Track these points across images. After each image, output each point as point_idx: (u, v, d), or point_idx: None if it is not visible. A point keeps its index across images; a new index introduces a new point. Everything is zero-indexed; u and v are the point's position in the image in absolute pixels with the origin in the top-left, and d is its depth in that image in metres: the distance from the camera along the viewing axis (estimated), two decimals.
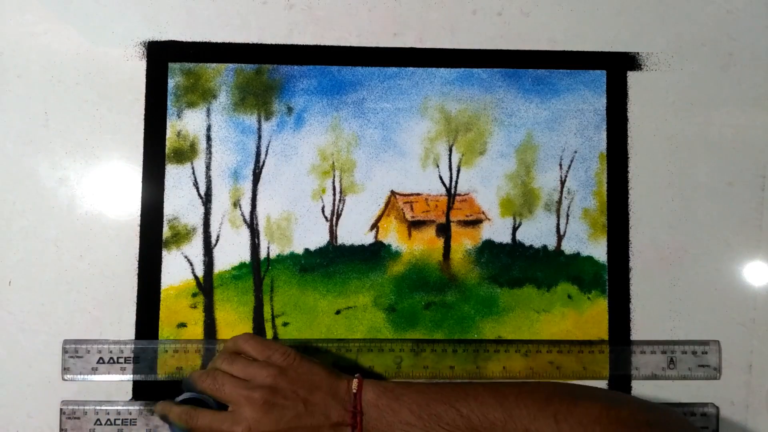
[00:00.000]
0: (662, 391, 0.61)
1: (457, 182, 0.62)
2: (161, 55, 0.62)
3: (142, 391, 0.60)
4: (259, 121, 0.62)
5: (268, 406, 0.51)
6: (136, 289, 0.60)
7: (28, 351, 0.59)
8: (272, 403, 0.51)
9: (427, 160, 0.62)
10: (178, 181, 0.61)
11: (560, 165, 0.63)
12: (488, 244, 0.62)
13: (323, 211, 0.62)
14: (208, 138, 0.62)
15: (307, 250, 0.61)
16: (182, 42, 0.62)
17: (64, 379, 0.59)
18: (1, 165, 0.60)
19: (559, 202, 0.63)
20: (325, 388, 0.52)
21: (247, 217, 0.61)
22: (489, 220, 0.62)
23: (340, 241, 0.62)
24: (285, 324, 0.61)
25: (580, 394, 0.51)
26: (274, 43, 0.62)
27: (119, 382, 0.59)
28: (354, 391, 0.52)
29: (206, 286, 0.61)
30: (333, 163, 0.62)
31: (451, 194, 0.62)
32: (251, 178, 0.62)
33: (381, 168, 0.62)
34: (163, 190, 0.61)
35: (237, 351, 0.55)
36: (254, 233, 0.61)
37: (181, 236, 0.61)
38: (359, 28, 0.63)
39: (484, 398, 0.51)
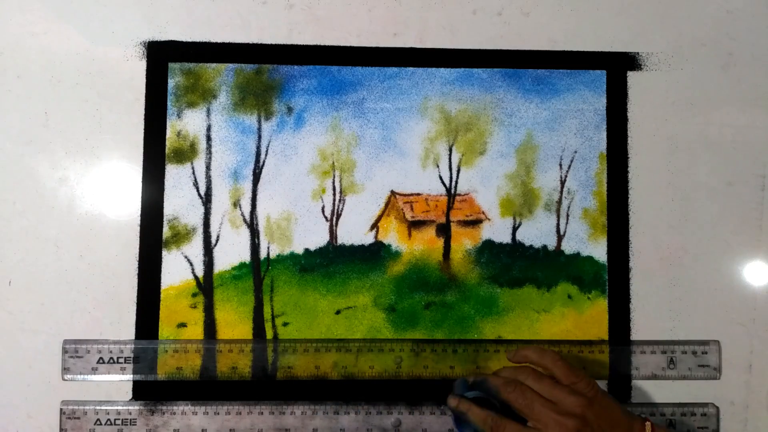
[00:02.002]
0: (662, 391, 0.61)
1: (457, 182, 0.62)
2: (161, 55, 0.62)
3: (142, 391, 0.60)
4: (259, 121, 0.62)
5: None
6: (136, 289, 0.60)
7: (28, 351, 0.59)
8: None
9: (427, 160, 0.62)
10: (178, 181, 0.61)
11: (560, 165, 0.63)
12: (488, 244, 0.62)
13: (323, 211, 0.62)
14: (208, 138, 0.62)
15: (307, 250, 0.61)
16: (182, 42, 0.62)
17: (64, 379, 0.59)
18: (1, 165, 0.60)
19: (559, 202, 0.63)
20: (623, 426, 0.53)
21: (247, 217, 0.61)
22: (489, 220, 0.62)
23: (340, 241, 0.62)
24: (285, 324, 0.61)
25: None
26: (274, 43, 0.62)
27: (119, 382, 0.60)
28: None
29: (206, 286, 0.61)
30: (333, 163, 0.62)
31: (451, 194, 0.62)
32: (251, 178, 0.62)
33: (381, 168, 0.62)
34: (163, 190, 0.61)
35: (539, 365, 0.56)
36: (254, 233, 0.61)
37: (181, 236, 0.61)
38: (359, 28, 0.63)
39: None
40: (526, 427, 0.53)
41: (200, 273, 0.61)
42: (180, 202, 0.61)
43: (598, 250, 0.62)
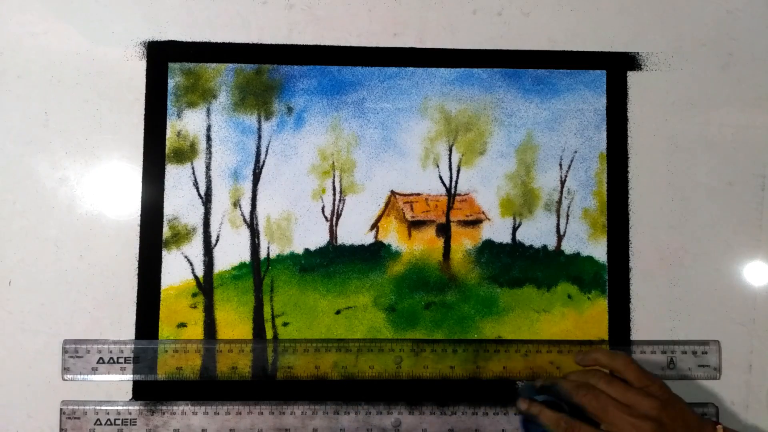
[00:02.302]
0: None
1: (457, 182, 0.62)
2: (161, 55, 0.62)
3: (142, 391, 0.60)
4: (259, 121, 0.62)
5: None
6: (136, 289, 0.60)
7: (28, 351, 0.59)
8: None
9: (427, 160, 0.62)
10: (178, 181, 0.61)
11: (560, 165, 0.63)
12: (488, 244, 0.62)
13: (323, 211, 0.62)
14: (208, 138, 0.62)
15: (307, 250, 0.61)
16: (182, 42, 0.62)
17: (64, 379, 0.59)
18: (1, 165, 0.60)
19: (559, 202, 0.63)
20: (696, 429, 0.52)
21: (247, 217, 0.61)
22: (489, 220, 0.62)
23: (340, 241, 0.62)
24: (285, 324, 0.61)
25: None
26: (274, 43, 0.62)
27: (119, 382, 0.59)
28: None
29: (206, 286, 0.61)
30: (333, 163, 0.62)
31: (451, 194, 0.62)
32: (251, 178, 0.62)
33: (381, 168, 0.62)
34: (163, 190, 0.61)
35: (610, 368, 0.55)
36: (254, 233, 0.61)
37: (181, 236, 0.61)
38: (359, 28, 0.63)
39: None
40: (600, 430, 0.52)
41: (200, 273, 0.61)
42: (180, 202, 0.61)
43: (598, 250, 0.62)
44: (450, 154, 0.63)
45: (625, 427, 0.51)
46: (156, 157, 0.61)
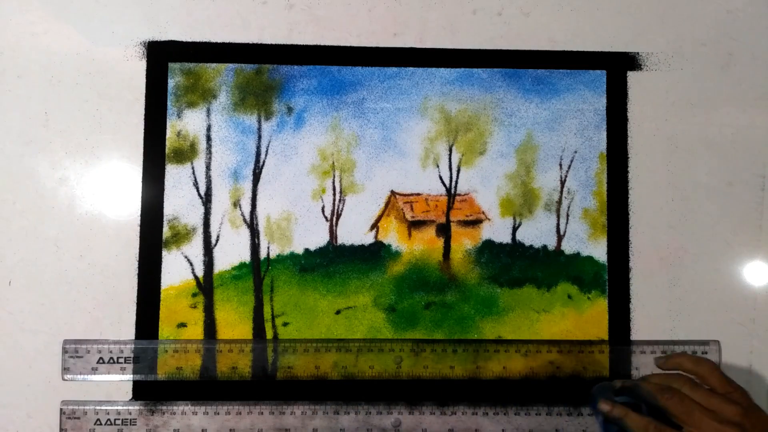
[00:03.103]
0: None
1: (457, 182, 0.62)
2: (161, 55, 0.62)
3: (142, 391, 0.60)
4: (259, 121, 0.62)
5: None
6: (136, 289, 0.60)
7: (28, 351, 0.59)
8: None
9: (427, 160, 0.62)
10: (178, 181, 0.61)
11: (560, 165, 0.63)
12: (488, 244, 0.62)
13: (323, 211, 0.62)
14: (208, 138, 0.62)
15: (307, 250, 0.61)
16: (182, 42, 0.62)
17: (64, 379, 0.59)
18: (1, 165, 0.60)
19: (559, 202, 0.63)
20: None
21: (247, 217, 0.61)
22: (489, 220, 0.62)
23: (340, 241, 0.62)
24: (285, 324, 0.61)
25: None
26: (274, 43, 0.62)
27: (119, 382, 0.60)
28: None
29: (206, 286, 0.61)
30: (333, 163, 0.62)
31: (451, 194, 0.62)
32: (251, 178, 0.62)
33: (381, 168, 0.62)
34: (163, 190, 0.61)
35: (693, 373, 0.55)
36: (254, 233, 0.61)
37: (181, 236, 0.61)
38: (359, 28, 0.63)
39: None
40: None
41: (200, 273, 0.61)
42: (180, 202, 0.61)
43: (598, 250, 0.62)
44: (450, 154, 0.63)
45: None
46: (156, 157, 0.61)
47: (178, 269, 0.61)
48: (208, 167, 0.62)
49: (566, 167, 0.63)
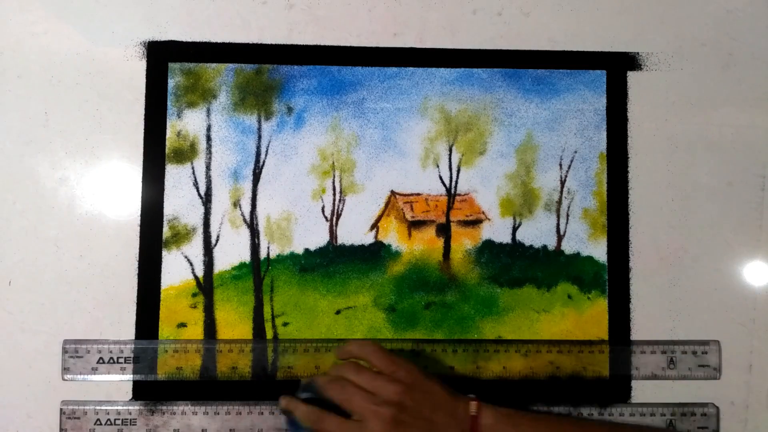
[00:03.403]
0: (662, 391, 0.61)
1: (457, 182, 0.62)
2: (161, 55, 0.62)
3: (142, 391, 0.60)
4: (259, 121, 0.62)
5: (396, 423, 0.51)
6: (136, 289, 0.60)
7: (28, 351, 0.59)
8: (399, 420, 0.52)
9: (427, 160, 0.62)
10: (178, 181, 0.61)
11: (560, 165, 0.63)
12: (488, 244, 0.62)
13: (323, 211, 0.62)
14: (208, 138, 0.62)
15: (307, 250, 0.61)
16: (182, 42, 0.62)
17: (64, 379, 0.59)
18: (1, 165, 0.60)
19: (559, 202, 0.63)
20: (445, 408, 0.53)
21: (247, 217, 0.61)
22: (489, 220, 0.62)
23: (340, 241, 0.62)
24: (285, 324, 0.61)
25: None
26: (274, 43, 0.62)
27: (119, 382, 0.60)
28: (473, 413, 0.53)
29: (206, 286, 0.61)
30: (333, 163, 0.62)
31: (451, 194, 0.62)
32: (251, 178, 0.62)
33: (381, 168, 0.62)
34: (163, 190, 0.61)
35: (361, 358, 0.56)
36: (254, 233, 0.61)
37: (181, 236, 0.61)
38: (359, 28, 0.63)
39: None
40: (347, 420, 0.53)
41: (200, 273, 0.61)
42: (180, 202, 0.61)
43: (598, 250, 0.62)
44: (450, 154, 0.63)
45: (367, 415, 0.52)
46: (156, 157, 0.61)
47: (178, 269, 0.61)
48: (208, 167, 0.62)
49: (566, 167, 0.63)
